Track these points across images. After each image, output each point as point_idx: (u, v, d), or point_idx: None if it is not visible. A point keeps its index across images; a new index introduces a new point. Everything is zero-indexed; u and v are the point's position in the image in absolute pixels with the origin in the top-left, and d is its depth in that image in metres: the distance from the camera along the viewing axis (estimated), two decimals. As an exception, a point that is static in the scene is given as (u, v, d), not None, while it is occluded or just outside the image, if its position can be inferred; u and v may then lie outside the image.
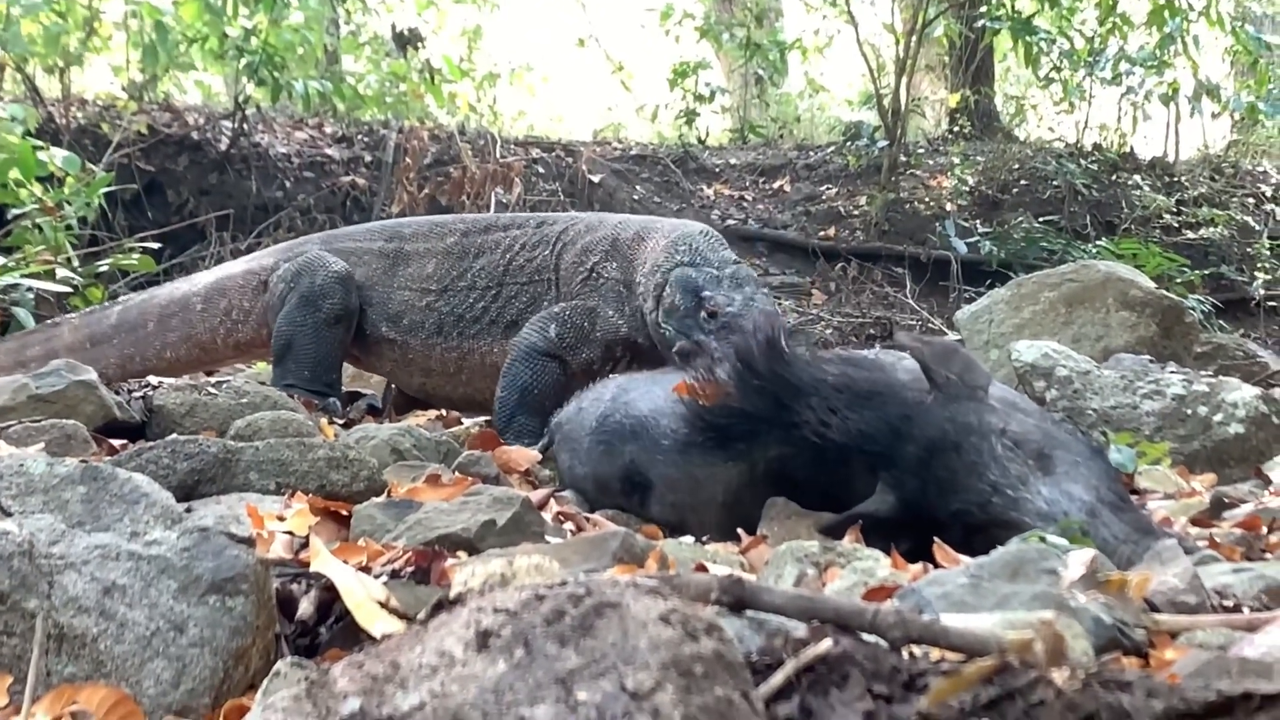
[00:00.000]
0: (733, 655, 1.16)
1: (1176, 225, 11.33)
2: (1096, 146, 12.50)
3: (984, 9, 12.09)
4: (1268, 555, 2.59)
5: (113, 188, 8.14)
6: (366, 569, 2.08)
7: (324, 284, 5.36)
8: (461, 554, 2.32)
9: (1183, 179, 12.24)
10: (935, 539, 2.47)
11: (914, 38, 11.29)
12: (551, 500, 3.25)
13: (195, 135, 10.10)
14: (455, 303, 5.26)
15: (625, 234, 5.06)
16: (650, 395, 3.44)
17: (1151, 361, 4.88)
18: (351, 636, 1.77)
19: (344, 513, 2.70)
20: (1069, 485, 2.56)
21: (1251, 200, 12.01)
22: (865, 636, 1.36)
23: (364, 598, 1.76)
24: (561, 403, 4.09)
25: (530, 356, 4.74)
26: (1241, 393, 4.50)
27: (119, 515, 1.79)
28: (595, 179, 11.29)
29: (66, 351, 5.67)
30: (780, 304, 9.76)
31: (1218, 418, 4.41)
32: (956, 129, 13.69)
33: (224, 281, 5.84)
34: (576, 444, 3.64)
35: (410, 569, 2.08)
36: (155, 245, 8.22)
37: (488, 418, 5.06)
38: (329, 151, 10.70)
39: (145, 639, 1.63)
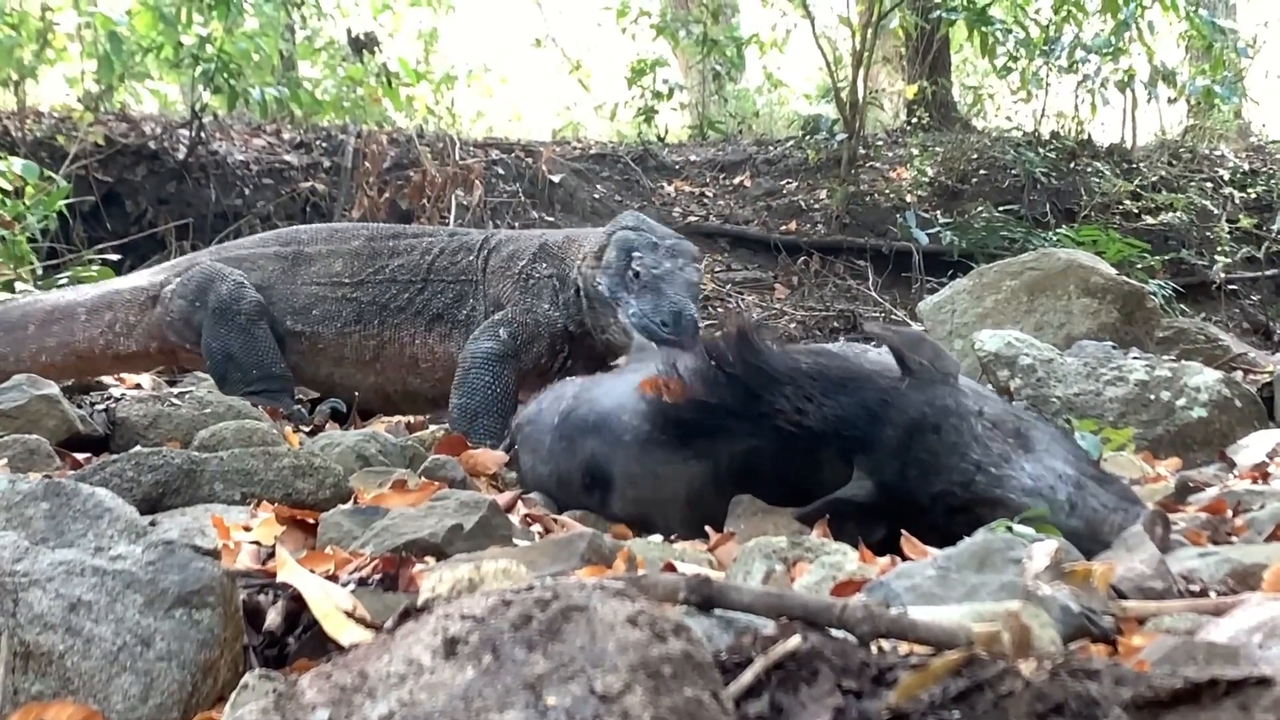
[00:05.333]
0: (701, 655, 1.16)
1: (1136, 211, 11.38)
2: (1054, 134, 12.55)
3: (939, 0, 12.12)
4: (1233, 539, 2.60)
5: (71, 199, 8.11)
6: (334, 577, 2.07)
7: (231, 289, 5.41)
8: (429, 559, 2.31)
9: (1141, 165, 12.30)
10: (903, 531, 2.47)
11: (870, 30, 11.31)
12: (519, 503, 3.25)
13: (152, 145, 10.03)
14: (376, 293, 5.37)
15: (553, 238, 5.28)
16: (613, 392, 3.44)
17: (1114, 348, 4.90)
18: (320, 646, 1.76)
19: (310, 521, 2.69)
20: (1051, 461, 2.57)
21: (1209, 184, 12.07)
22: (834, 632, 1.37)
23: (331, 607, 1.76)
24: (516, 406, 4.13)
25: (489, 362, 4.83)
26: (1204, 377, 4.53)
27: (83, 530, 1.77)
28: (555, 179, 11.28)
29: None
30: (743, 299, 9.79)
31: (1181, 402, 4.44)
32: (915, 120, 13.74)
33: (111, 296, 5.86)
34: (538, 443, 3.64)
35: (378, 576, 2.07)
36: (115, 256, 8.19)
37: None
38: (287, 158, 10.65)
39: (112, 654, 1.62)
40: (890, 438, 2.66)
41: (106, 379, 5.81)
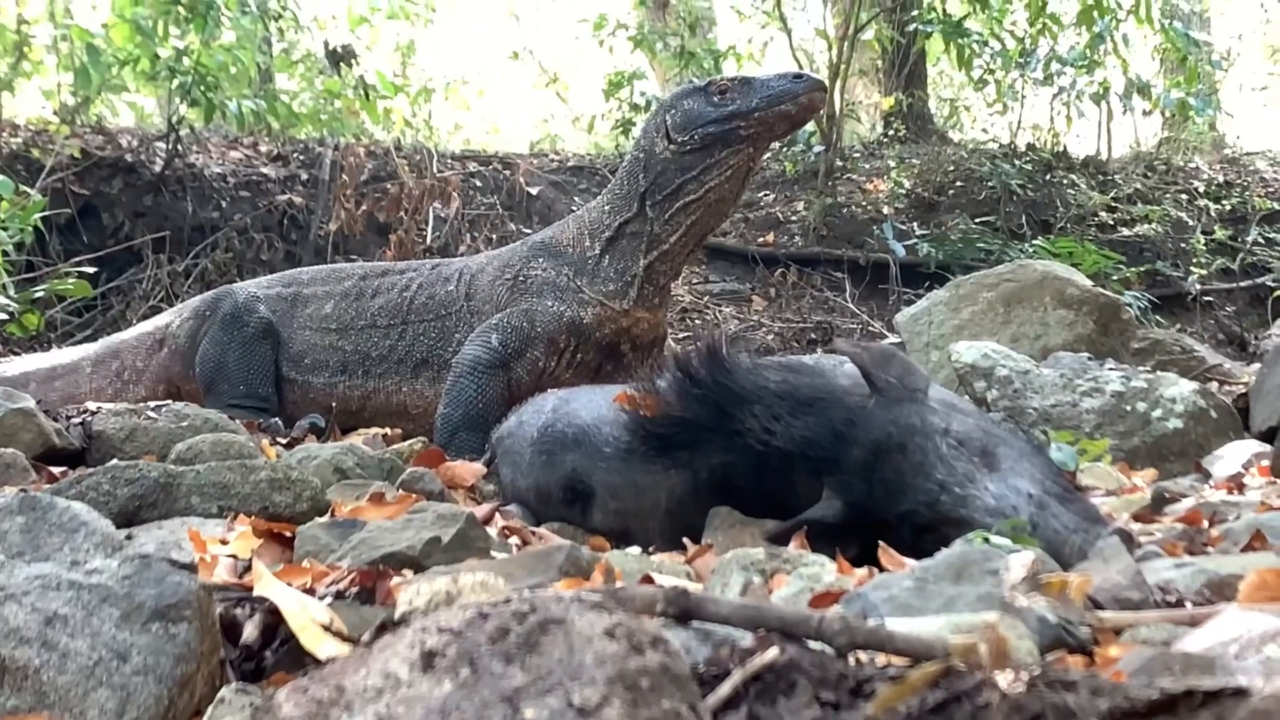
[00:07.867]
0: (679, 667, 1.16)
1: (1111, 223, 11.41)
2: (1030, 146, 12.57)
3: (915, 13, 12.16)
4: (1209, 549, 2.60)
5: (47, 212, 8.07)
6: (311, 590, 2.06)
7: (245, 301, 5.39)
8: (407, 572, 2.30)
9: (1116, 177, 12.33)
10: (880, 542, 2.47)
11: (847, 43, 11.32)
12: (497, 515, 3.24)
13: (129, 157, 10.00)
14: (358, 341, 5.29)
15: (537, 237, 5.21)
16: (592, 404, 3.44)
17: (1090, 359, 4.90)
18: (297, 660, 1.75)
19: (287, 534, 2.68)
20: (1015, 480, 2.56)
21: (1184, 196, 12.11)
22: (812, 644, 1.37)
23: (308, 621, 1.75)
24: (503, 417, 4.10)
25: (475, 371, 4.73)
26: (1179, 388, 4.54)
27: (59, 544, 1.77)
28: (533, 191, 11.28)
29: None
30: (720, 310, 9.80)
31: (1156, 413, 4.45)
32: (891, 133, 13.75)
33: (116, 345, 5.86)
34: (518, 456, 3.63)
35: (355, 589, 2.06)
36: (91, 269, 8.15)
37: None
38: (265, 170, 10.62)
39: (88, 669, 1.61)
40: (857, 458, 2.65)
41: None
